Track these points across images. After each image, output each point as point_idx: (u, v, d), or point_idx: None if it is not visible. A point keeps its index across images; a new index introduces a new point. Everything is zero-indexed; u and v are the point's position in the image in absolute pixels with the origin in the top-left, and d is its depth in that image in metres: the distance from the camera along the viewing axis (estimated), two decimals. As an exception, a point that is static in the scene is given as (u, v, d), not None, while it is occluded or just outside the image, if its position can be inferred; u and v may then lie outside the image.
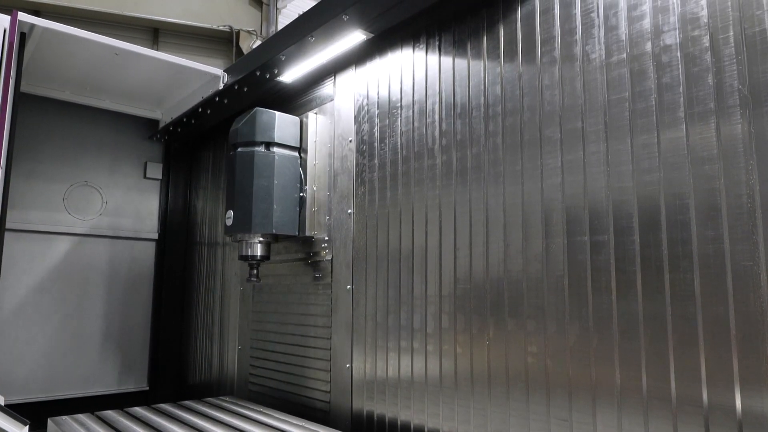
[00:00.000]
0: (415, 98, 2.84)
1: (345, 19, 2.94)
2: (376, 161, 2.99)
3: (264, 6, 7.91)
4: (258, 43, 7.20)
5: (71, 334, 4.56)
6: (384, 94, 2.99)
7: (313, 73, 3.43)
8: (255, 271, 3.42)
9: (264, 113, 3.36)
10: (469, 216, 2.48)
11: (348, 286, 3.04)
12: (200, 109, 4.25)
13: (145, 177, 5.04)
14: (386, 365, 2.75)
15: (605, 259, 1.99)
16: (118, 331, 4.80)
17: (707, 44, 1.83)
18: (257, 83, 3.71)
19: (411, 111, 2.85)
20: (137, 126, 5.03)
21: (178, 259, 5.06)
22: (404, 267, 2.75)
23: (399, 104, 2.91)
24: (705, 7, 1.85)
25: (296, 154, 3.42)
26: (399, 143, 2.88)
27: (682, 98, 1.87)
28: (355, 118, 3.18)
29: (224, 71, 4.05)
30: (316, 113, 3.51)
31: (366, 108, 3.11)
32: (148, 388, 4.88)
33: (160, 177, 5.09)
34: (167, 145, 5.18)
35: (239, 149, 3.33)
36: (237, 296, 4.11)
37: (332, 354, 3.12)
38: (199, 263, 4.89)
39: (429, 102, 2.76)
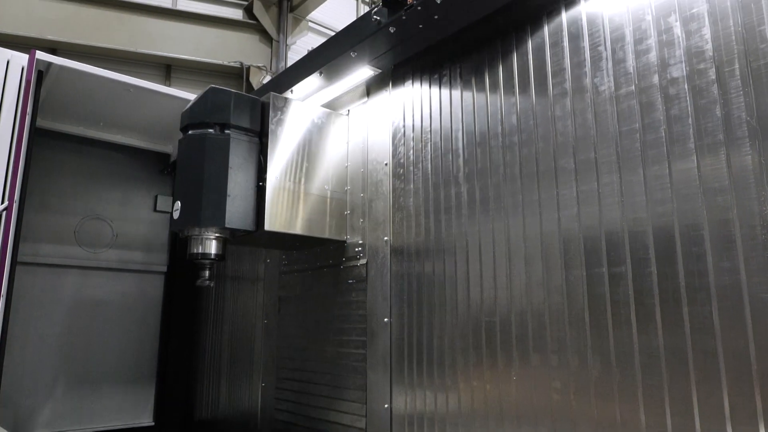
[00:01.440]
0: (442, 125, 2.85)
1: (353, 55, 3.05)
2: (411, 186, 2.96)
3: (274, 42, 8.09)
4: (268, 78, 7.29)
5: (78, 367, 4.55)
6: (417, 118, 3.00)
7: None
8: (207, 273, 3.09)
9: (219, 91, 3.05)
10: (492, 246, 2.47)
11: (386, 319, 2.97)
12: None
13: (155, 210, 5.14)
14: (425, 404, 2.66)
15: (624, 291, 1.97)
16: (126, 365, 4.79)
17: (713, 77, 1.84)
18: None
19: (439, 137, 2.86)
20: (149, 160, 5.12)
21: (186, 293, 5.06)
22: (438, 299, 2.70)
23: (429, 129, 2.91)
24: (709, 41, 1.87)
25: (256, 138, 3.10)
26: (430, 169, 2.87)
27: (691, 130, 1.88)
28: (392, 139, 3.12)
29: None
30: (347, 114, 3.49)
31: (402, 131, 3.08)
32: (153, 424, 4.81)
33: (170, 210, 5.13)
34: None
35: (189, 132, 3.02)
36: (260, 330, 4.04)
37: (368, 393, 3.00)
38: (208, 297, 4.89)
39: (453, 129, 2.77)
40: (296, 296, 3.67)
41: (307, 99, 3.59)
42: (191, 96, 4.03)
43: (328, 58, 3.20)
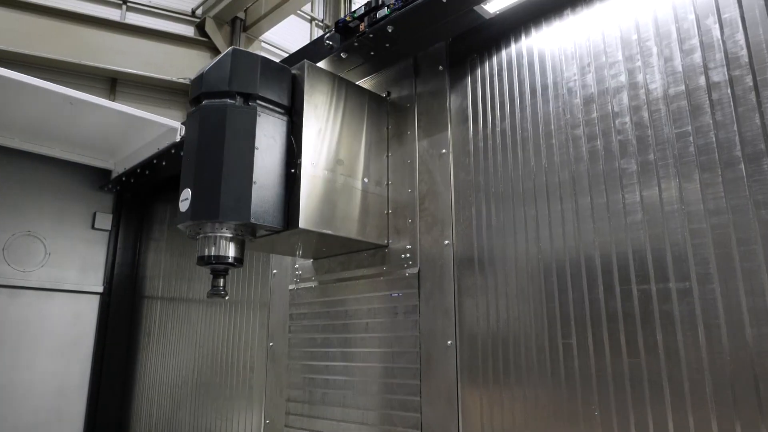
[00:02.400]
0: (518, 108, 2.36)
1: None
2: (482, 178, 2.43)
3: None
4: None
5: (1, 393, 4.26)
6: (487, 99, 2.50)
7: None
8: (222, 281, 2.44)
9: (242, 54, 2.45)
10: (579, 247, 1.96)
11: (449, 342, 2.39)
12: (155, 161, 4.22)
13: (93, 227, 4.94)
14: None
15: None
16: (53, 391, 4.51)
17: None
18: None
19: (515, 121, 2.36)
20: (88, 175, 4.93)
21: (123, 315, 4.95)
22: (521, 313, 2.16)
23: (505, 113, 2.41)
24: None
25: (285, 115, 2.51)
26: (509, 159, 2.36)
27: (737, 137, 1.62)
28: (453, 124, 2.61)
29: (182, 123, 4.00)
30: (387, 97, 2.96)
31: (468, 114, 2.56)
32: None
33: (109, 228, 5.01)
34: (119, 196, 5.13)
35: (205, 102, 2.38)
36: (262, 354, 3.35)
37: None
38: (149, 319, 4.73)
39: (530, 112, 2.28)
40: (315, 314, 3.03)
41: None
42: (136, 111, 4.03)
43: None
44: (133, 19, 7.82)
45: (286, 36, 9.41)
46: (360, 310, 2.78)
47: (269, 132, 2.45)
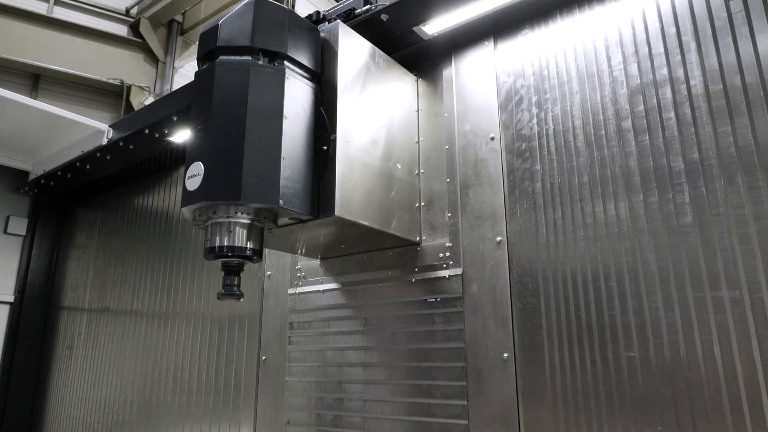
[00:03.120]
0: (581, 87, 2.08)
1: None
2: (538, 167, 2.12)
3: (160, 64, 7.67)
4: (150, 100, 7.00)
5: None
6: (544, 77, 2.21)
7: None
8: (237, 279, 1.98)
9: (268, 5, 2.04)
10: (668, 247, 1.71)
11: (505, 355, 2.04)
12: (79, 164, 4.00)
13: (5, 232, 4.58)
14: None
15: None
16: None
17: None
18: (145, 142, 3.58)
19: (579, 100, 2.08)
20: (3, 177, 4.57)
21: (37, 327, 4.60)
22: (598, 321, 1.86)
23: (564, 93, 2.13)
24: None
25: (314, 84, 2.12)
26: (572, 143, 2.07)
27: None
28: (503, 106, 2.30)
29: (110, 126, 3.86)
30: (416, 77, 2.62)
31: (521, 94, 2.25)
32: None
33: (24, 233, 4.66)
34: (36, 199, 4.79)
35: (222, 58, 1.96)
36: (251, 370, 2.86)
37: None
38: (69, 331, 4.36)
39: (600, 91, 2.01)
40: (324, 322, 2.61)
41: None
42: (58, 111, 3.79)
43: None
44: (61, 14, 7.22)
45: None
46: (385, 317, 2.39)
47: (298, 100, 2.04)
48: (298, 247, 2.51)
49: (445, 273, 2.26)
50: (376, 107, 2.28)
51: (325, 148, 2.04)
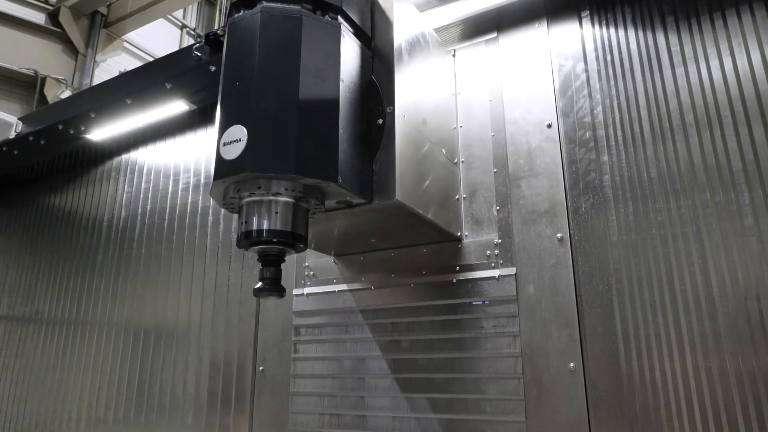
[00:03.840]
0: (652, 70, 1.93)
1: (168, 87, 2.81)
2: (607, 158, 1.94)
3: (80, 56, 7.31)
4: (67, 93, 6.66)
5: None
6: (610, 60, 2.03)
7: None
8: (277, 272, 1.60)
9: None
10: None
11: (571, 365, 1.81)
12: None
13: None
14: None
15: None
16: None
17: None
18: (58, 138, 3.40)
19: (650, 86, 1.92)
20: None
21: None
22: (684, 321, 1.68)
23: (631, 77, 1.96)
24: None
25: (366, 48, 1.83)
26: (641, 130, 1.90)
27: None
28: (560, 91, 2.09)
29: (19, 119, 3.63)
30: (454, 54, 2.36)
31: (583, 78, 2.07)
32: None
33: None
34: None
35: (265, 3, 1.61)
36: (244, 384, 2.45)
37: None
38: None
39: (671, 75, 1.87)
40: (340, 328, 2.28)
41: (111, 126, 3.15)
42: None
43: (140, 85, 2.90)
44: (-29, -4, 6.72)
45: (152, 39, 8.82)
46: (420, 322, 2.11)
47: (352, 63, 1.73)
48: (311, 241, 2.18)
49: (495, 273, 2.02)
50: (424, 83, 2.01)
51: (380, 121, 1.75)
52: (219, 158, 1.53)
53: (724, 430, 1.59)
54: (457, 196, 2.17)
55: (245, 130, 1.50)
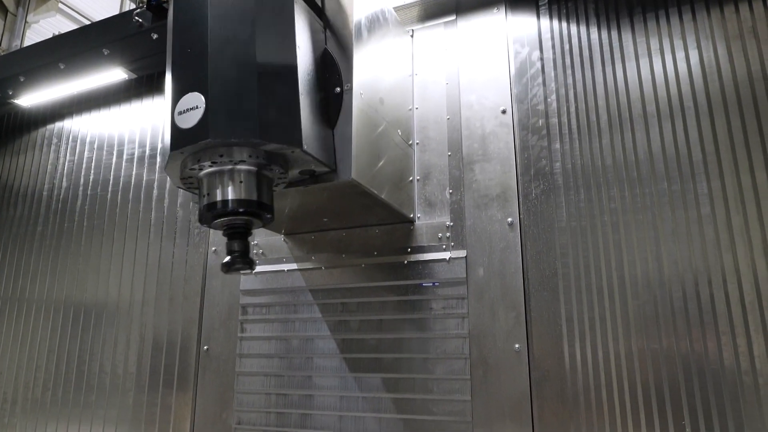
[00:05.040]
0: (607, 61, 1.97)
1: (105, 53, 2.70)
2: (559, 145, 1.96)
3: (9, 15, 6.81)
4: None
5: None
6: (566, 49, 2.05)
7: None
8: (241, 244, 1.53)
9: None
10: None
11: (516, 346, 1.84)
12: None
13: None
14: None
15: None
16: None
17: None
18: None
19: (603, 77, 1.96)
20: None
21: None
22: (618, 309, 1.73)
23: (587, 66, 1.99)
24: None
25: (320, 21, 1.80)
26: (595, 121, 1.93)
27: None
28: (516, 78, 2.10)
29: None
30: (410, 34, 2.28)
31: (539, 66, 2.08)
32: None
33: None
34: None
35: None
36: (188, 364, 2.38)
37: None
38: None
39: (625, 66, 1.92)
40: (289, 307, 2.25)
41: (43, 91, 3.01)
42: None
43: (75, 49, 2.74)
44: None
45: (90, 1, 8.29)
46: (370, 303, 2.11)
47: (306, 32, 1.69)
48: (302, 221, 2.15)
49: (446, 255, 2.03)
50: (382, 61, 1.98)
51: (338, 89, 1.71)
52: (174, 128, 1.45)
53: (661, 410, 1.66)
54: (411, 178, 2.16)
55: (202, 97, 1.43)
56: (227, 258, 1.51)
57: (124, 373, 2.55)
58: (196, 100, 1.43)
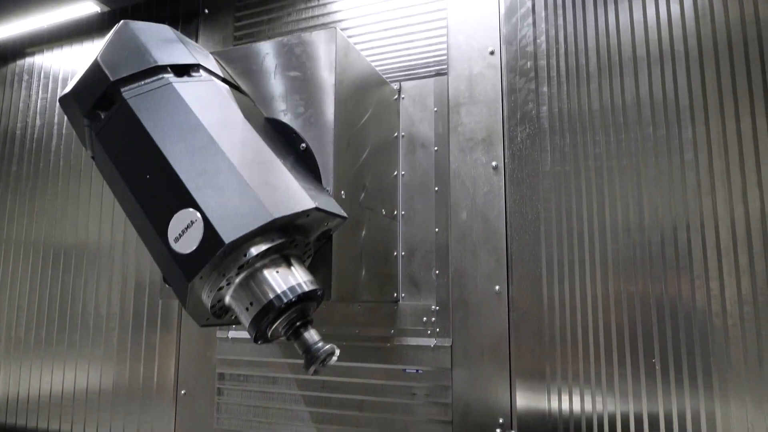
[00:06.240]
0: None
1: None
2: (547, 89, 1.93)
3: None
4: None
5: None
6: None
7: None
8: (316, 333, 1.38)
9: (126, 30, 1.56)
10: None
11: (497, 287, 1.87)
12: None
13: None
14: None
15: None
16: None
17: None
18: None
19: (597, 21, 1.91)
20: None
21: None
22: (598, 254, 1.76)
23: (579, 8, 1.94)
24: None
25: (240, 92, 1.77)
26: (585, 65, 1.90)
27: None
28: (506, 17, 2.04)
29: None
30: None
31: (529, 6, 2.02)
32: None
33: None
34: None
35: (123, 91, 1.44)
36: (171, 309, 2.39)
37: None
38: None
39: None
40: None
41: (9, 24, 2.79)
42: None
43: None
44: None
45: None
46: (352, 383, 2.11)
47: (243, 106, 1.62)
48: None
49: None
50: None
51: (303, 146, 1.61)
52: (178, 258, 1.26)
53: (633, 350, 1.72)
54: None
55: (195, 212, 1.28)
56: (307, 356, 1.33)
57: (107, 313, 2.56)
58: (189, 216, 1.28)
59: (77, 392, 2.56)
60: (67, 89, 1.53)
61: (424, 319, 1.99)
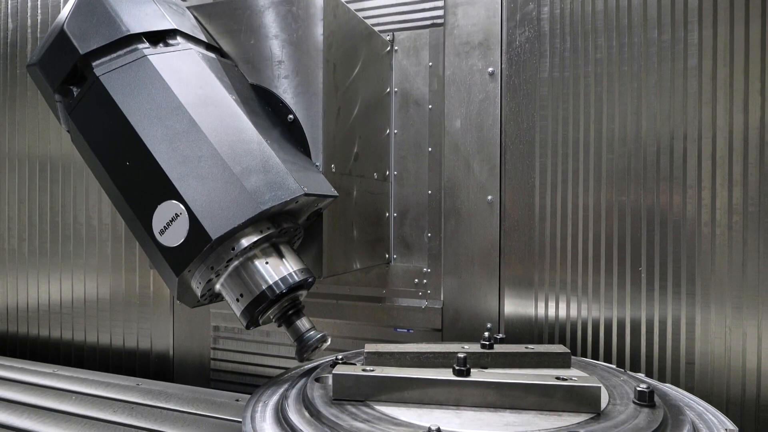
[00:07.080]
0: None
1: None
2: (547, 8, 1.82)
3: None
4: None
5: None
6: None
7: None
8: (307, 321, 1.38)
9: None
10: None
11: (489, 197, 1.87)
12: None
13: None
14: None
15: None
16: None
17: None
18: None
19: None
20: None
21: None
22: (592, 164, 1.74)
23: None
24: None
25: (223, 56, 1.66)
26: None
27: None
28: None
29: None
30: None
31: None
32: None
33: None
34: None
35: (95, 65, 1.34)
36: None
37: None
38: None
39: None
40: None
41: None
42: None
43: None
44: None
45: None
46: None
47: (226, 75, 1.51)
48: None
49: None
50: None
51: (291, 117, 1.53)
52: (164, 251, 1.23)
53: (621, 259, 1.74)
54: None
55: (179, 204, 1.23)
56: (298, 342, 1.33)
57: (99, 224, 2.55)
58: (173, 209, 1.23)
59: (75, 301, 2.61)
60: (34, 57, 1.42)
61: (416, 281, 2.00)
